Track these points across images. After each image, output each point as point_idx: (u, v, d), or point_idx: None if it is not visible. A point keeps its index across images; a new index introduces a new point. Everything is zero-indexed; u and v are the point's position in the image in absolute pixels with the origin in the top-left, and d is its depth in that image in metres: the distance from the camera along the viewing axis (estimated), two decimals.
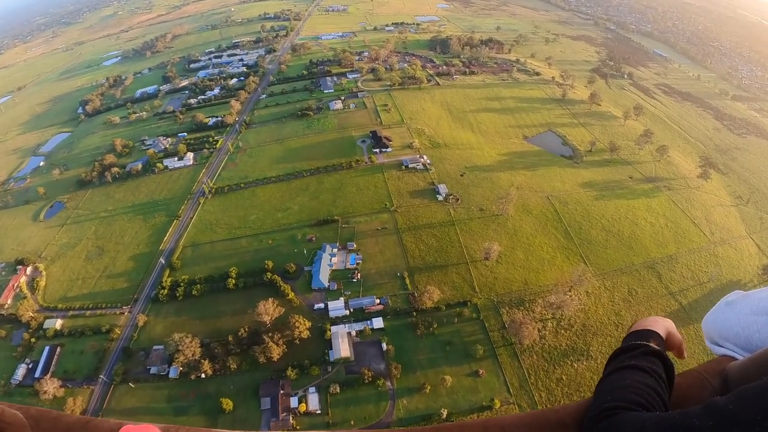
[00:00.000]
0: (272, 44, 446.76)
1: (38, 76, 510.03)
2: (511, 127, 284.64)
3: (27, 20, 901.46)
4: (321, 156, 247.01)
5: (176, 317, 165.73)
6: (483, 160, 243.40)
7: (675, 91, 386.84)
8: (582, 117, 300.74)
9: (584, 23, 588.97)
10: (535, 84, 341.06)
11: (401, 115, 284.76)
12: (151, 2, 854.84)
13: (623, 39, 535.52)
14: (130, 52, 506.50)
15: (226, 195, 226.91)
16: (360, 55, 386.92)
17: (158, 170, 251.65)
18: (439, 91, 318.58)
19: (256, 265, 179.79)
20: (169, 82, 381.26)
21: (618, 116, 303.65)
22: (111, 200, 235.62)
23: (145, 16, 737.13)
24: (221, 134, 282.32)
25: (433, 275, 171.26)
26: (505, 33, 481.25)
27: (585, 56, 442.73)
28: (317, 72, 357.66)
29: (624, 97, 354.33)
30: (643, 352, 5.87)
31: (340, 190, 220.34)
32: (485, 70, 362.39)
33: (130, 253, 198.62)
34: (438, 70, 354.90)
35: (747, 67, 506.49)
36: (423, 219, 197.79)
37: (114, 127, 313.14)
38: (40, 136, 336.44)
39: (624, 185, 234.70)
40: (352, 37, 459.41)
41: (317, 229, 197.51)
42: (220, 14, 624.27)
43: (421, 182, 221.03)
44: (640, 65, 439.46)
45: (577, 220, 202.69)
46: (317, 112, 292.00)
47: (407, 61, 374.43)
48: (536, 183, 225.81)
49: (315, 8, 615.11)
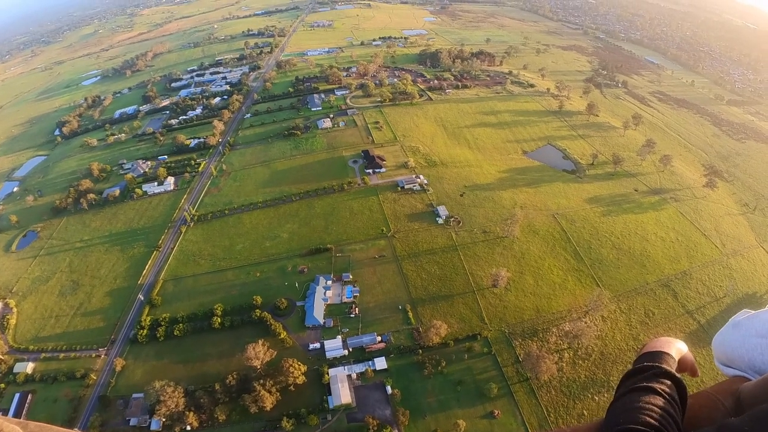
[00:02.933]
0: (256, 61, 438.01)
1: (16, 96, 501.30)
2: (509, 142, 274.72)
3: (6, 39, 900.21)
4: (310, 178, 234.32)
5: (157, 361, 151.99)
6: (483, 178, 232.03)
7: (670, 98, 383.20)
8: (581, 129, 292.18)
9: (573, 33, 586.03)
10: (531, 96, 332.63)
11: (394, 132, 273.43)
12: (133, 21, 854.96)
13: (614, 47, 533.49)
14: (110, 71, 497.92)
15: (210, 223, 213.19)
16: (348, 71, 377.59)
17: (137, 196, 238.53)
18: (431, 107, 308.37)
19: (243, 300, 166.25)
20: (149, 102, 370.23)
21: (617, 126, 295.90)
22: (87, 229, 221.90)
23: (126, 35, 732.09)
24: (204, 157, 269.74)
25: (437, 307, 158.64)
26: (495, 45, 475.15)
27: (577, 66, 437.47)
28: (304, 89, 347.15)
29: (621, 107, 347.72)
30: (655, 374, 5.95)
31: (333, 215, 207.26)
32: (478, 83, 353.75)
33: (106, 288, 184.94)
34: (429, 85, 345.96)
35: (738, 70, 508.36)
36: (423, 244, 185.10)
37: (91, 150, 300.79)
38: (15, 159, 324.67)
39: (630, 199, 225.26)
40: (339, 53, 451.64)
41: (309, 259, 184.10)
42: (203, 31, 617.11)
43: (418, 204, 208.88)
44: (633, 73, 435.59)
45: (586, 239, 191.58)
46: (305, 131, 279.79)
47: (397, 75, 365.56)
48: (540, 201, 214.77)
49: (300, 24, 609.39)
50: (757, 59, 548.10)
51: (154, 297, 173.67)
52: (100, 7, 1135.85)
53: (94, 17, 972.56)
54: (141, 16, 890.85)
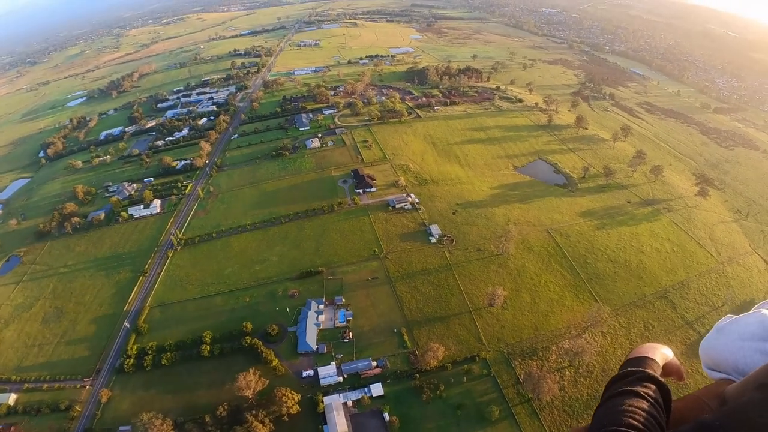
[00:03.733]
0: (243, 81, 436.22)
1: (0, 117, 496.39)
2: (500, 158, 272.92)
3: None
4: (299, 199, 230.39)
5: (144, 391, 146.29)
6: (475, 195, 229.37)
7: (658, 109, 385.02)
8: (570, 142, 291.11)
9: (559, 47, 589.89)
10: (519, 111, 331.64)
11: (383, 151, 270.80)
12: (119, 41, 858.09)
13: (599, 60, 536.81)
14: (96, 92, 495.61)
15: (197, 246, 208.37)
16: (335, 90, 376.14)
17: (122, 219, 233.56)
18: (420, 124, 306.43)
19: (233, 327, 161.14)
20: (135, 123, 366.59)
21: (606, 139, 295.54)
22: (71, 254, 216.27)
23: (112, 55, 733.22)
24: (190, 178, 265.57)
25: (434, 329, 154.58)
26: (482, 61, 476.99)
27: (564, 80, 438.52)
28: (291, 109, 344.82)
29: (609, 119, 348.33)
30: (639, 378, 6.12)
31: (323, 236, 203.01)
32: (466, 99, 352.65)
33: (91, 315, 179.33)
34: (418, 102, 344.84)
35: (723, 78, 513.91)
36: (417, 265, 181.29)
37: (76, 172, 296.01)
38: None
39: (624, 211, 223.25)
40: (326, 72, 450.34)
41: (300, 282, 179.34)
42: (189, 52, 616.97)
43: (410, 223, 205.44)
44: (619, 85, 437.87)
45: (582, 254, 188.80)
46: (293, 151, 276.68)
47: (385, 94, 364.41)
48: (533, 216, 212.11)
49: (286, 43, 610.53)
50: (741, 66, 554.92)
51: (140, 324, 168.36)
52: (87, 27, 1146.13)
53: (81, 38, 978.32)
54: (127, 37, 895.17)
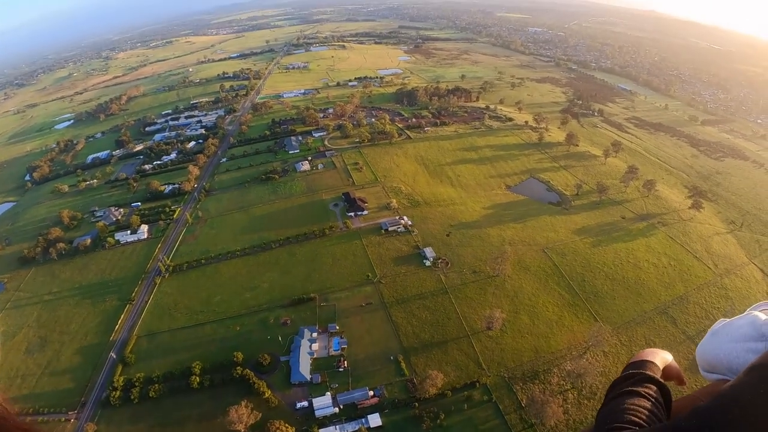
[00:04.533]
0: (232, 104, 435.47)
1: None
2: (492, 177, 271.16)
3: None
4: (290, 224, 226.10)
5: (131, 425, 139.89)
6: (468, 216, 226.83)
7: (647, 123, 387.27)
8: (562, 160, 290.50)
9: (546, 65, 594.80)
10: (510, 130, 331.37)
11: (374, 173, 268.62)
12: (108, 64, 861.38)
13: (587, 77, 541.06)
14: (84, 114, 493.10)
15: (186, 273, 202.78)
16: (325, 112, 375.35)
17: (109, 245, 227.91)
18: (411, 145, 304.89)
19: (223, 357, 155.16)
20: (122, 146, 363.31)
21: (598, 155, 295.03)
22: (56, 281, 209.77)
23: (100, 78, 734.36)
24: (179, 203, 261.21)
25: (431, 355, 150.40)
26: (471, 81, 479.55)
27: (553, 98, 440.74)
28: (281, 131, 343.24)
29: (599, 135, 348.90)
30: (640, 379, 6.27)
31: (315, 261, 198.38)
32: (456, 119, 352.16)
33: (76, 344, 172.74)
34: (408, 123, 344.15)
35: (709, 91, 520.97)
36: (412, 289, 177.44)
37: (62, 196, 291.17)
38: None
39: (618, 227, 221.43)
40: (315, 94, 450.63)
41: (292, 309, 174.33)
42: (178, 75, 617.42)
43: (404, 247, 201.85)
44: (607, 101, 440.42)
45: (579, 272, 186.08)
46: (283, 174, 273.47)
47: (375, 115, 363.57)
48: (528, 236, 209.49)
49: (275, 66, 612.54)
50: (726, 78, 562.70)
51: (127, 355, 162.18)
52: (76, 50, 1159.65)
53: (69, 60, 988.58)
54: (116, 60, 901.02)
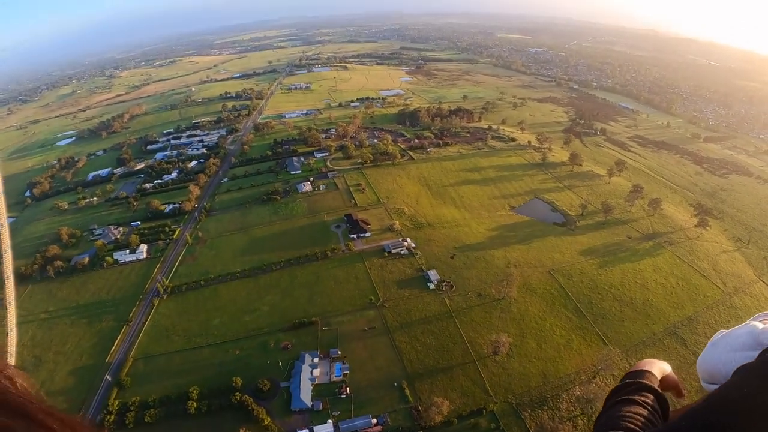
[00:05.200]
0: (234, 124, 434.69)
1: None
2: (496, 198, 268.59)
3: None
4: (291, 245, 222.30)
5: None
6: (472, 238, 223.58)
7: (649, 142, 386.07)
8: (566, 180, 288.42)
9: (547, 85, 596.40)
10: (513, 150, 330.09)
11: (377, 194, 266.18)
12: (111, 82, 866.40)
13: (588, 96, 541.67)
14: (86, 132, 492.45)
15: (185, 295, 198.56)
16: (327, 133, 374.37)
17: (107, 264, 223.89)
18: (414, 166, 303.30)
19: (221, 381, 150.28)
20: (123, 164, 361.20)
21: (602, 174, 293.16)
22: (53, 299, 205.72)
23: (103, 96, 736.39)
24: (179, 223, 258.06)
25: (436, 381, 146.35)
26: (473, 101, 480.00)
27: (555, 117, 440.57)
28: (282, 152, 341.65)
29: (602, 154, 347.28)
30: (637, 388, 6.32)
31: (317, 284, 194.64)
32: (459, 140, 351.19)
33: (71, 365, 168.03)
34: (410, 144, 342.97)
35: (710, 107, 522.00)
36: (416, 313, 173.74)
37: (61, 213, 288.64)
38: None
39: (625, 247, 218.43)
40: (317, 115, 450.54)
41: (293, 333, 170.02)
42: (180, 94, 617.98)
43: (407, 269, 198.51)
44: (610, 120, 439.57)
45: (586, 294, 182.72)
46: (284, 195, 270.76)
47: (377, 136, 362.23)
48: (534, 257, 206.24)
49: (277, 87, 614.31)
50: (726, 94, 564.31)
51: (123, 377, 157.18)
52: (80, 68, 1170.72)
53: (73, 77, 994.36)
54: (119, 78, 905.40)
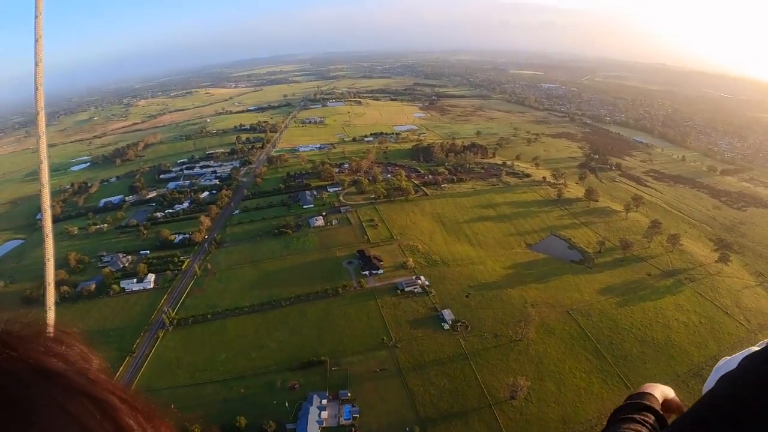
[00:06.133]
0: (247, 156, 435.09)
1: (3, 175, 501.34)
2: (512, 235, 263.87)
3: (3, 117, 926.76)
4: (302, 281, 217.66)
5: None
6: (488, 276, 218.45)
7: (665, 176, 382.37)
8: (582, 216, 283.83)
9: (561, 121, 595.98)
10: (528, 186, 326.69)
11: (390, 230, 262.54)
12: (128, 110, 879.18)
13: (602, 131, 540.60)
14: (100, 158, 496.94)
15: (191, 327, 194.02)
16: (340, 167, 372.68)
17: (113, 292, 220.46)
18: (428, 202, 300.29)
19: (224, 421, 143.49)
20: (136, 192, 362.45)
21: (618, 210, 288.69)
22: None
23: (120, 124, 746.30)
24: (188, 254, 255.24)
25: (450, 427, 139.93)
26: (486, 137, 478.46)
27: (569, 153, 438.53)
28: (295, 185, 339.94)
29: (618, 189, 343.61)
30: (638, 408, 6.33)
31: (327, 322, 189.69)
32: (473, 176, 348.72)
33: None
34: (424, 180, 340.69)
35: (725, 139, 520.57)
36: (429, 354, 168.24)
37: (71, 238, 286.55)
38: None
39: (645, 285, 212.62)
40: (331, 149, 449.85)
41: (301, 373, 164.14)
42: (196, 125, 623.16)
43: (421, 308, 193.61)
44: (624, 155, 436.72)
45: (606, 334, 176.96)
46: (296, 229, 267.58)
47: (390, 171, 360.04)
48: (551, 296, 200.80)
49: (291, 120, 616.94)
50: (741, 126, 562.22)
51: None
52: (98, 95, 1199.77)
53: (91, 104, 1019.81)
54: (136, 107, 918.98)
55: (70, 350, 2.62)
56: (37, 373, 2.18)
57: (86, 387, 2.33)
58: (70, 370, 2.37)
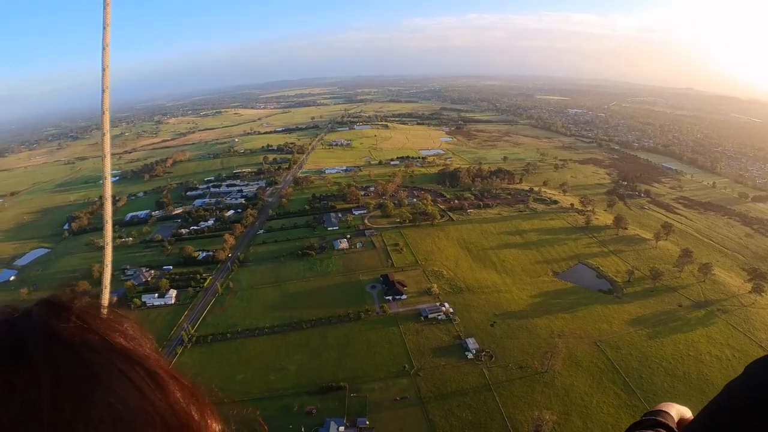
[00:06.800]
0: (274, 176, 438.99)
1: (34, 184, 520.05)
2: (539, 263, 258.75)
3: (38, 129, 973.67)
4: (324, 304, 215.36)
5: None
6: (514, 305, 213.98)
7: (695, 203, 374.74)
8: (611, 244, 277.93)
9: (588, 146, 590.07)
10: (555, 213, 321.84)
11: (415, 255, 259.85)
12: (159, 127, 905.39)
13: (630, 157, 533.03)
14: (129, 173, 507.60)
15: (210, 346, 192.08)
16: (366, 190, 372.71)
17: (134, 306, 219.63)
18: (453, 227, 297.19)
19: None
20: (162, 208, 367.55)
21: (648, 238, 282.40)
22: None
23: (150, 140, 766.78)
24: (211, 271, 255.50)
25: None
26: (513, 163, 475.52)
27: (597, 179, 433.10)
28: (320, 207, 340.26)
29: (647, 217, 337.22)
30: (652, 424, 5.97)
31: (348, 347, 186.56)
32: (499, 202, 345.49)
33: None
34: (450, 205, 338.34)
35: (756, 166, 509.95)
36: (452, 384, 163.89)
37: (96, 249, 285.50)
38: (19, 247, 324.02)
39: (676, 316, 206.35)
40: (357, 172, 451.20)
41: (319, 398, 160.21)
42: (224, 144, 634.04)
43: (444, 336, 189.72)
44: (653, 181, 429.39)
45: (635, 368, 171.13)
46: (320, 251, 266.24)
47: (416, 195, 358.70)
48: (579, 327, 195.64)
49: (318, 142, 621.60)
50: None
51: None
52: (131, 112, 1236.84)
53: (123, 120, 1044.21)
54: (167, 124, 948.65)
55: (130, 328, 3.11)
56: (104, 343, 2.64)
57: (143, 359, 2.77)
58: (130, 344, 2.84)
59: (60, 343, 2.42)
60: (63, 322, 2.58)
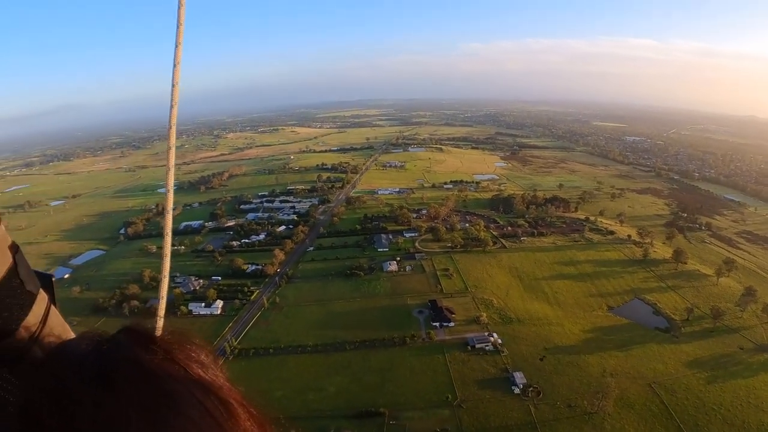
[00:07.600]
0: (327, 195, 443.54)
1: (96, 189, 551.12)
2: (592, 296, 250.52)
3: (103, 137, 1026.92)
4: (369, 326, 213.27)
5: None
6: (565, 339, 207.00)
7: (759, 238, 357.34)
8: (669, 279, 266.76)
9: (646, 176, 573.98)
10: (611, 244, 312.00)
11: (465, 282, 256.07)
12: (217, 141, 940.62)
13: (690, 188, 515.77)
14: (186, 184, 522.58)
15: (251, 359, 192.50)
16: (418, 213, 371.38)
17: (180, 314, 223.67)
18: (506, 255, 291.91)
19: None
20: (215, 219, 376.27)
21: (708, 274, 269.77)
22: None
23: (208, 153, 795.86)
24: (258, 285, 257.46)
25: None
26: (568, 190, 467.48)
27: (655, 210, 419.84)
28: (371, 228, 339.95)
29: (708, 251, 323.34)
30: None
31: (390, 372, 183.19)
32: (554, 230, 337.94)
33: None
34: (503, 231, 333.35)
35: None
36: (495, 419, 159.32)
37: (148, 255, 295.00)
38: (76, 247, 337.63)
39: (736, 359, 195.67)
40: (410, 194, 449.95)
41: (356, 422, 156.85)
42: (279, 161, 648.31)
43: (491, 368, 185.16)
44: (715, 214, 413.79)
45: (691, 413, 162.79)
46: (368, 272, 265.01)
47: (469, 220, 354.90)
48: (632, 366, 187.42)
49: (372, 163, 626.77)
50: None
51: None
52: (191, 125, 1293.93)
53: (184, 133, 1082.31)
54: (225, 139, 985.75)
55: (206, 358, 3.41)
56: (184, 373, 2.95)
57: (217, 390, 3.11)
58: (207, 374, 3.17)
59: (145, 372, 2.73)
60: (149, 353, 2.87)
